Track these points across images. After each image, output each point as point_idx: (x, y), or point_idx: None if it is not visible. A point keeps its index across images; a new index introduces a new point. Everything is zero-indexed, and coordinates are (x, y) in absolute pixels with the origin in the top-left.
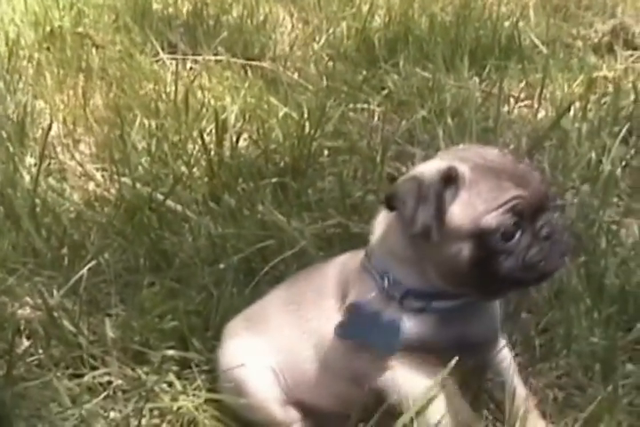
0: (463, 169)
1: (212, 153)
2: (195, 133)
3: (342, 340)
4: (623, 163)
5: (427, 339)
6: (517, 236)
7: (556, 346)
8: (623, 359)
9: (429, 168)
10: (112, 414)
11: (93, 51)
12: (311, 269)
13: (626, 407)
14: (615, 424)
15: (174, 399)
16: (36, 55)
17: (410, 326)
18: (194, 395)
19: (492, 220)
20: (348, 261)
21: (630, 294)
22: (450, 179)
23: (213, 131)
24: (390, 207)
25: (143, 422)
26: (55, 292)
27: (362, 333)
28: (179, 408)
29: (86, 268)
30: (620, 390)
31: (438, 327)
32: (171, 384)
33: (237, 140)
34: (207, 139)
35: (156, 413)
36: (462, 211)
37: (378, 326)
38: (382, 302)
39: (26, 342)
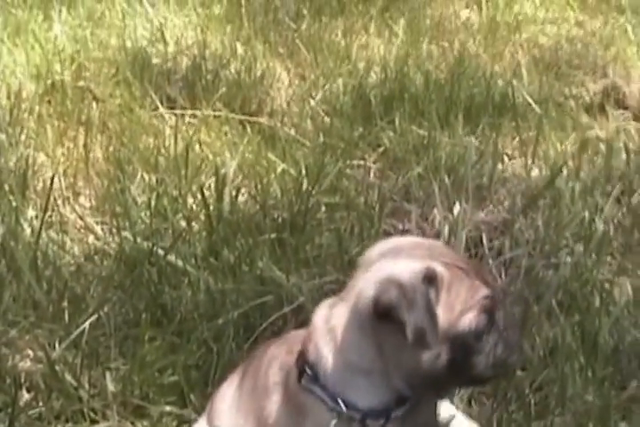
0: (440, 269)
1: (212, 208)
2: (194, 188)
3: None
4: (615, 221)
5: None
6: (486, 334)
7: (550, 404)
8: (617, 418)
9: (405, 269)
10: None
11: (94, 104)
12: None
13: None
14: None
15: None
16: (36, 108)
17: None
18: None
19: (469, 321)
20: (285, 357)
21: (624, 353)
22: (431, 280)
23: (212, 186)
24: (381, 317)
25: None
26: (57, 345)
27: None
28: None
29: (88, 322)
30: None
31: None
32: None
33: (237, 196)
34: (206, 194)
35: None
36: (444, 313)
37: None
38: (343, 425)
39: (26, 395)
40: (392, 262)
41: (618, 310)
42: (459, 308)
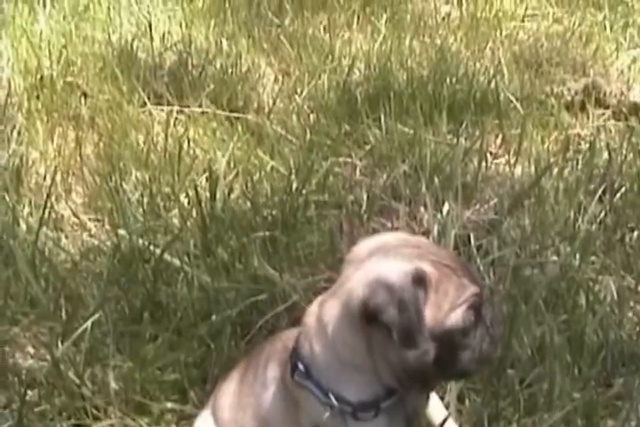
0: (428, 270)
1: (205, 206)
2: (186, 186)
3: None
4: (598, 221)
5: None
6: (473, 330)
7: (539, 401)
8: (603, 415)
9: (394, 270)
10: None
11: (82, 100)
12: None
13: None
14: None
15: None
16: (25, 103)
17: None
18: None
19: (456, 318)
20: (281, 354)
21: (609, 352)
22: (420, 281)
23: (204, 183)
24: (369, 319)
25: None
26: (59, 343)
27: None
28: None
29: (89, 321)
30: None
31: (391, 420)
32: None
33: (229, 194)
34: (199, 191)
35: None
36: (431, 313)
37: None
38: (336, 419)
39: (29, 392)
40: (381, 262)
41: (603, 309)
42: (447, 306)
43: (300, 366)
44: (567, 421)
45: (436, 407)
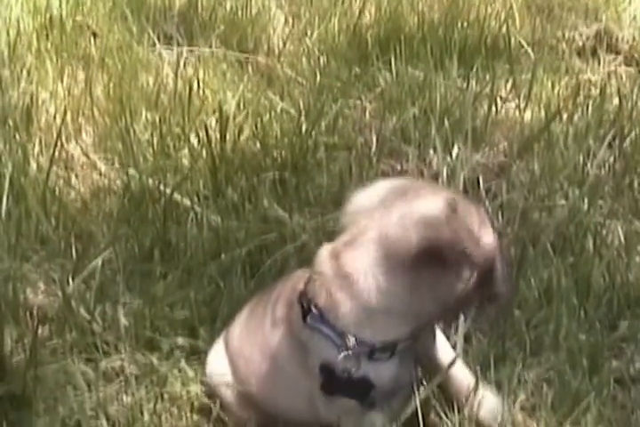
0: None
1: (215, 146)
2: (196, 126)
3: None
4: (607, 166)
5: (399, 377)
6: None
7: (545, 342)
8: (608, 356)
9: (433, 206)
10: (126, 399)
11: (91, 40)
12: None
13: (610, 402)
14: (600, 418)
15: (185, 385)
16: (35, 43)
17: (381, 375)
18: (201, 382)
19: (489, 236)
20: (290, 294)
21: (615, 295)
22: (456, 209)
23: (214, 124)
24: (428, 259)
25: (157, 407)
26: (70, 280)
27: (341, 391)
28: (189, 393)
29: (100, 258)
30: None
31: (402, 361)
32: (180, 371)
33: (239, 135)
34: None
35: (166, 398)
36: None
37: (352, 385)
38: (350, 359)
39: (41, 328)
40: (413, 203)
41: (610, 253)
42: (476, 228)
43: (314, 311)
44: (572, 361)
45: (443, 349)
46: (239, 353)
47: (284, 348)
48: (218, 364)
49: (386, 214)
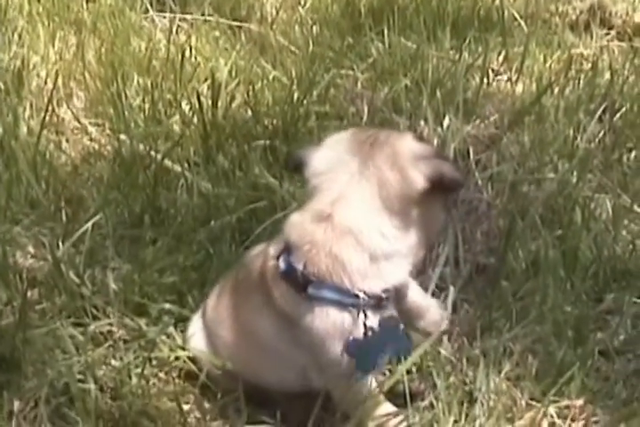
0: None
1: (206, 113)
2: (188, 93)
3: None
4: (597, 140)
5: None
6: None
7: (531, 313)
8: (593, 328)
9: (411, 144)
10: (114, 363)
11: (84, 4)
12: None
13: (594, 373)
14: (584, 389)
15: (173, 350)
16: (26, 6)
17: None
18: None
19: None
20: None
21: (602, 268)
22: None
23: (205, 91)
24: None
25: (144, 371)
26: (60, 244)
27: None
28: (177, 359)
29: (90, 222)
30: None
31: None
32: (169, 336)
33: (231, 102)
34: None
35: (154, 363)
36: None
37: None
38: (355, 316)
39: (30, 291)
40: (392, 146)
41: (598, 226)
42: None
43: (313, 279)
44: (557, 333)
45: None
46: (218, 336)
47: (270, 329)
48: (198, 341)
49: (369, 163)
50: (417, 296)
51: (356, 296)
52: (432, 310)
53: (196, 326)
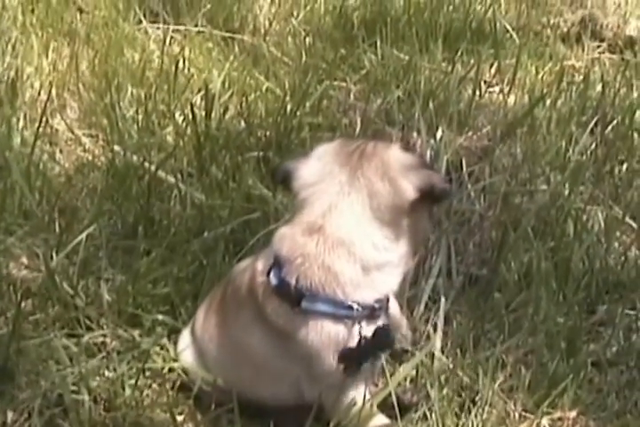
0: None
1: (200, 124)
2: (181, 104)
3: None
4: (589, 152)
5: None
6: None
7: (524, 325)
8: (585, 339)
9: (398, 153)
10: (107, 374)
11: (77, 15)
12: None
13: (587, 385)
14: (577, 400)
15: (166, 361)
16: (20, 17)
17: None
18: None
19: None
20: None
21: (594, 279)
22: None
23: (199, 102)
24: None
25: (138, 382)
26: (54, 255)
27: (365, 356)
28: (170, 370)
29: (85, 233)
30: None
31: None
32: (162, 347)
33: (224, 113)
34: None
35: (148, 374)
36: None
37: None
38: (350, 328)
39: (24, 302)
40: (380, 157)
41: (590, 238)
42: None
43: (307, 293)
44: (550, 344)
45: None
46: (209, 353)
47: (262, 344)
48: (188, 357)
49: (358, 174)
50: (395, 309)
51: (350, 308)
52: (403, 326)
53: (186, 342)
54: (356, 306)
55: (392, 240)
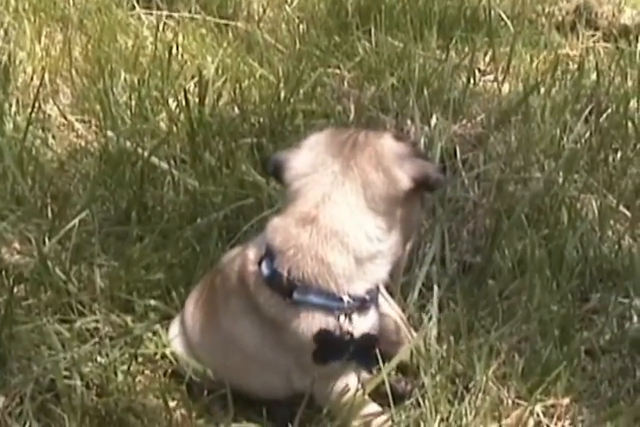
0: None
1: (193, 110)
2: (175, 90)
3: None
4: (583, 140)
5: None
6: None
7: (517, 312)
8: (579, 327)
9: (393, 143)
10: (100, 359)
11: (70, 1)
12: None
13: (580, 372)
14: (570, 388)
15: (159, 347)
16: (12, 2)
17: (369, 326)
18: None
19: None
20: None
21: (587, 267)
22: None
23: (192, 88)
24: (417, 189)
25: (131, 368)
26: (47, 240)
27: (339, 356)
28: (163, 356)
29: (77, 219)
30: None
31: None
32: (155, 333)
33: (218, 100)
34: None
35: (140, 360)
36: None
37: (357, 345)
38: (341, 320)
39: (16, 287)
40: (373, 147)
41: (584, 226)
42: None
43: (299, 284)
44: (543, 332)
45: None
46: (199, 344)
47: (253, 335)
48: (177, 346)
49: (352, 164)
50: (389, 310)
51: (341, 300)
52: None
53: (176, 330)
54: (347, 298)
55: (385, 230)
